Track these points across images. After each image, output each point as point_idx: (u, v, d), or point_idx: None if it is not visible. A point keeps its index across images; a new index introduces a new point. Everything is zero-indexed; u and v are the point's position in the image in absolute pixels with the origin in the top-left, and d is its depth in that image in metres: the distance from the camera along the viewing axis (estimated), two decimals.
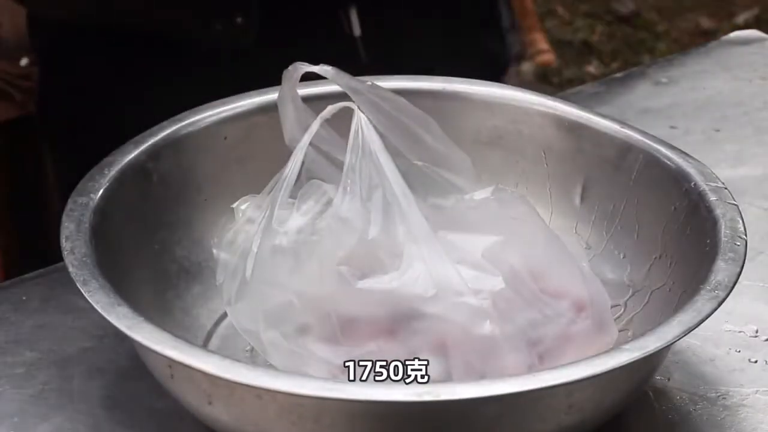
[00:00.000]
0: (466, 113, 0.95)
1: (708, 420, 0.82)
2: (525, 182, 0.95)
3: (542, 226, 0.84)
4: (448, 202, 0.86)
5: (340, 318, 0.78)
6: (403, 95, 0.95)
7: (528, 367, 0.77)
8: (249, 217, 0.84)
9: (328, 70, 0.82)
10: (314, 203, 0.83)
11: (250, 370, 0.71)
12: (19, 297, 0.92)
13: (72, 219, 0.81)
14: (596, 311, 0.80)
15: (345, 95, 0.84)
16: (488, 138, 0.95)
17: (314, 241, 0.81)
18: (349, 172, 0.80)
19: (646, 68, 1.27)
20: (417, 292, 0.77)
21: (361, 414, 0.72)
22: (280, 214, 0.81)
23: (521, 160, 0.95)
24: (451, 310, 0.76)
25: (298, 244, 0.81)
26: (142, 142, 0.88)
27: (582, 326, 0.79)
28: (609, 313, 0.82)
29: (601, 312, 0.80)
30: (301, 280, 0.80)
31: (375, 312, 0.78)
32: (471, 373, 0.76)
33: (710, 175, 0.86)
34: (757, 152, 1.12)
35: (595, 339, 0.80)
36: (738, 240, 0.80)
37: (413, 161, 0.86)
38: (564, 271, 0.81)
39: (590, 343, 0.79)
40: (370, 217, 0.79)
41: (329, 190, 0.83)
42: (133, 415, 0.82)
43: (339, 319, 0.78)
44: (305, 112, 0.85)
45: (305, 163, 0.83)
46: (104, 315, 0.74)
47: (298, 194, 0.83)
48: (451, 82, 0.96)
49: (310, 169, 0.84)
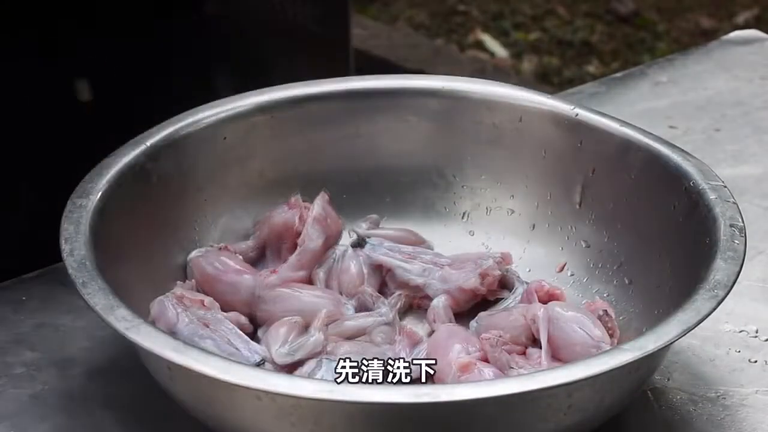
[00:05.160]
0: (466, 112, 0.95)
1: (708, 420, 0.82)
2: (525, 181, 0.95)
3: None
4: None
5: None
6: (403, 95, 0.96)
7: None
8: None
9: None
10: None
11: (249, 372, 0.71)
12: (19, 297, 0.92)
13: (71, 220, 0.81)
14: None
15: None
16: (488, 137, 0.95)
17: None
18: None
19: (646, 68, 1.27)
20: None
21: (360, 415, 0.72)
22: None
23: (521, 159, 0.95)
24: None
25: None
26: (141, 142, 0.88)
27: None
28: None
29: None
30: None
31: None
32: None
33: (710, 173, 0.85)
34: (757, 152, 1.12)
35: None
36: (737, 239, 0.80)
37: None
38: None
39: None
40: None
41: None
42: (133, 415, 0.82)
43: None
44: None
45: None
46: (103, 317, 0.74)
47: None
48: (451, 81, 0.96)
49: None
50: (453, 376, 0.79)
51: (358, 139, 0.96)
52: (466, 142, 0.96)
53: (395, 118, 0.96)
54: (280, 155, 0.95)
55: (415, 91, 0.96)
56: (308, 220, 0.90)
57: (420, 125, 0.96)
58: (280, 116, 0.94)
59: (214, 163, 0.92)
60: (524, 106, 0.94)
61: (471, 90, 0.96)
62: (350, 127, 0.96)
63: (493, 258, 0.90)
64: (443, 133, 0.96)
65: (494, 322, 0.85)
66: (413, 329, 0.86)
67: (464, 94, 0.96)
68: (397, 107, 0.96)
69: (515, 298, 0.89)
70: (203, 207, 0.92)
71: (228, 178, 0.93)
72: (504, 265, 0.90)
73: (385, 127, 0.96)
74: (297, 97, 0.95)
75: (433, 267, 0.90)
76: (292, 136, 0.95)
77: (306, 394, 0.69)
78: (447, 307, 0.88)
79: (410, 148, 0.96)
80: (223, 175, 0.93)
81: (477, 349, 0.82)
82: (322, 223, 0.91)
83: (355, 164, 0.96)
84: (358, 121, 0.95)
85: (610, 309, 0.83)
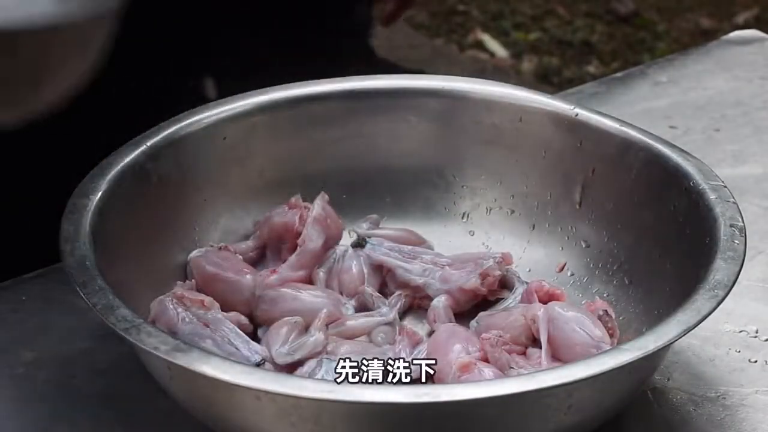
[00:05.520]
0: (466, 112, 0.95)
1: (708, 420, 0.82)
2: (525, 181, 0.95)
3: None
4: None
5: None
6: (403, 95, 0.96)
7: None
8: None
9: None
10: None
11: (249, 372, 0.71)
12: (19, 297, 0.92)
13: (71, 221, 0.81)
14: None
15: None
16: (488, 137, 0.95)
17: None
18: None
19: (646, 68, 1.27)
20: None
21: (360, 415, 0.72)
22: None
23: (521, 159, 0.95)
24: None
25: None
26: (141, 142, 0.88)
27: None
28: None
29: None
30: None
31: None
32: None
33: (710, 173, 0.85)
34: (757, 152, 1.12)
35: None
36: (737, 239, 0.80)
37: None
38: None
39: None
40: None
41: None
42: (133, 415, 0.82)
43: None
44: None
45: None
46: (103, 317, 0.74)
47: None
48: (451, 81, 0.96)
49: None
50: (453, 376, 0.79)
51: (359, 139, 0.96)
52: (466, 142, 0.96)
53: (395, 118, 0.96)
54: (280, 155, 0.95)
55: (415, 91, 0.96)
56: (308, 221, 0.90)
57: (420, 125, 0.96)
58: (280, 116, 0.94)
59: (214, 163, 0.92)
60: (524, 106, 0.94)
61: (471, 90, 0.96)
62: (350, 127, 0.96)
63: (494, 258, 0.90)
64: (443, 133, 0.96)
65: (494, 322, 0.85)
66: (413, 329, 0.86)
67: (464, 94, 0.96)
68: (397, 107, 0.96)
69: (515, 298, 0.89)
70: (203, 207, 0.92)
71: (228, 178, 0.93)
72: (504, 265, 0.90)
73: (386, 127, 0.96)
74: (297, 97, 0.95)
75: (433, 267, 0.90)
76: (292, 136, 0.95)
77: (306, 394, 0.69)
78: (447, 307, 0.88)
79: (410, 148, 0.96)
80: (223, 175, 0.93)
81: (477, 349, 0.82)
82: (322, 223, 0.91)
83: (355, 164, 0.96)
84: (358, 121, 0.96)
85: (610, 309, 0.83)
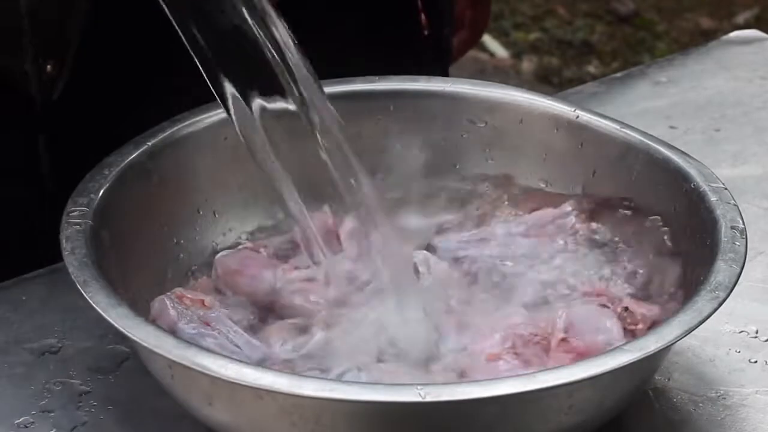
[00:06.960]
0: (467, 113, 0.95)
1: (708, 420, 0.82)
2: (525, 182, 0.95)
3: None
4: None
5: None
6: (403, 96, 0.96)
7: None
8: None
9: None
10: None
11: (250, 371, 0.71)
12: (19, 297, 0.92)
13: (72, 220, 0.81)
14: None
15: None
16: (488, 138, 0.95)
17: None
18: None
19: (646, 68, 1.27)
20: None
21: (361, 414, 0.72)
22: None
23: (521, 160, 0.95)
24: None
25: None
26: (142, 142, 0.88)
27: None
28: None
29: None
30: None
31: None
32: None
33: (710, 175, 0.85)
34: (757, 152, 1.12)
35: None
36: (738, 240, 0.80)
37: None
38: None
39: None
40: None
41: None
42: (133, 415, 0.82)
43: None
44: None
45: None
46: (104, 316, 0.74)
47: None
48: (451, 81, 0.96)
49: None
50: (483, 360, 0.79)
51: (359, 139, 0.96)
52: (466, 142, 0.96)
53: (395, 119, 0.96)
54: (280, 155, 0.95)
55: (415, 92, 0.96)
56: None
57: (420, 125, 0.96)
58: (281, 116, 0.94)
59: (214, 163, 0.92)
60: (525, 108, 0.94)
61: (471, 90, 0.96)
62: (351, 127, 0.96)
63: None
64: (443, 134, 0.96)
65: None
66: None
67: (464, 94, 0.96)
68: (397, 107, 0.96)
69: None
70: (203, 207, 0.92)
71: (228, 178, 0.93)
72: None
73: (386, 128, 0.96)
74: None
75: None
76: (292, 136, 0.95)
77: (307, 393, 0.69)
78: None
79: (410, 149, 0.96)
80: (223, 175, 0.93)
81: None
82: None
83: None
84: (358, 122, 0.95)
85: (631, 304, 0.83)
